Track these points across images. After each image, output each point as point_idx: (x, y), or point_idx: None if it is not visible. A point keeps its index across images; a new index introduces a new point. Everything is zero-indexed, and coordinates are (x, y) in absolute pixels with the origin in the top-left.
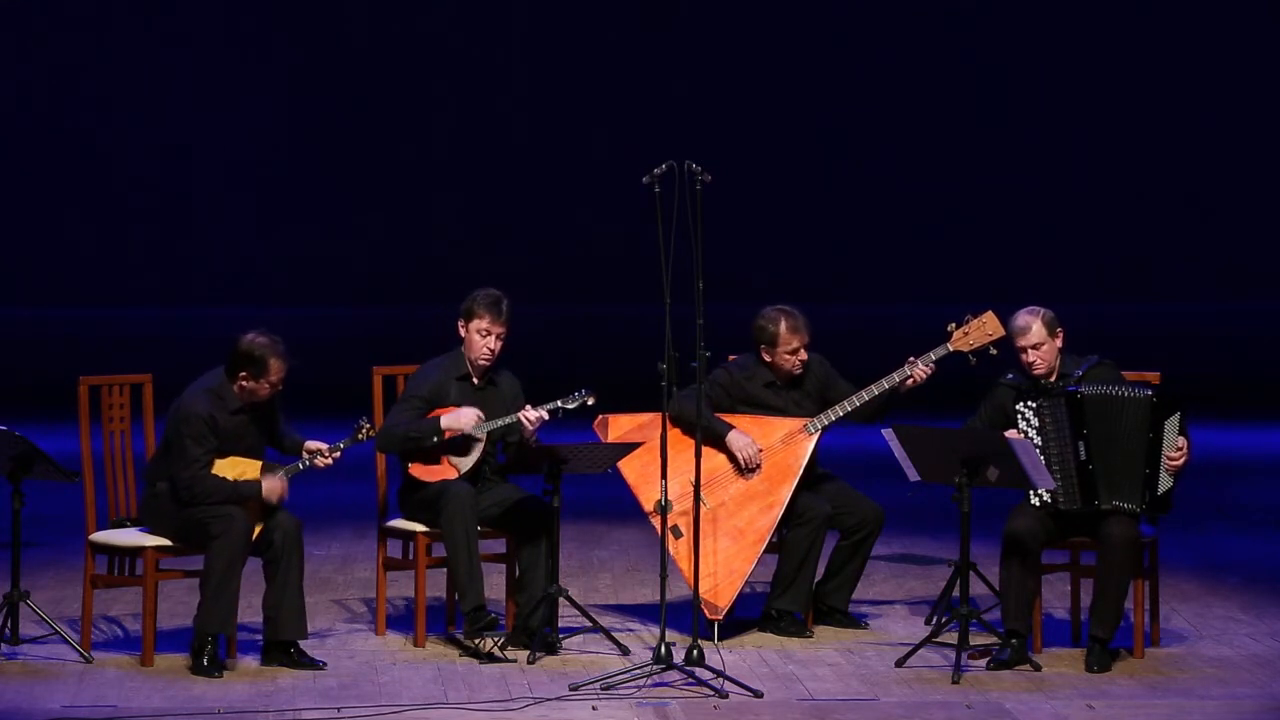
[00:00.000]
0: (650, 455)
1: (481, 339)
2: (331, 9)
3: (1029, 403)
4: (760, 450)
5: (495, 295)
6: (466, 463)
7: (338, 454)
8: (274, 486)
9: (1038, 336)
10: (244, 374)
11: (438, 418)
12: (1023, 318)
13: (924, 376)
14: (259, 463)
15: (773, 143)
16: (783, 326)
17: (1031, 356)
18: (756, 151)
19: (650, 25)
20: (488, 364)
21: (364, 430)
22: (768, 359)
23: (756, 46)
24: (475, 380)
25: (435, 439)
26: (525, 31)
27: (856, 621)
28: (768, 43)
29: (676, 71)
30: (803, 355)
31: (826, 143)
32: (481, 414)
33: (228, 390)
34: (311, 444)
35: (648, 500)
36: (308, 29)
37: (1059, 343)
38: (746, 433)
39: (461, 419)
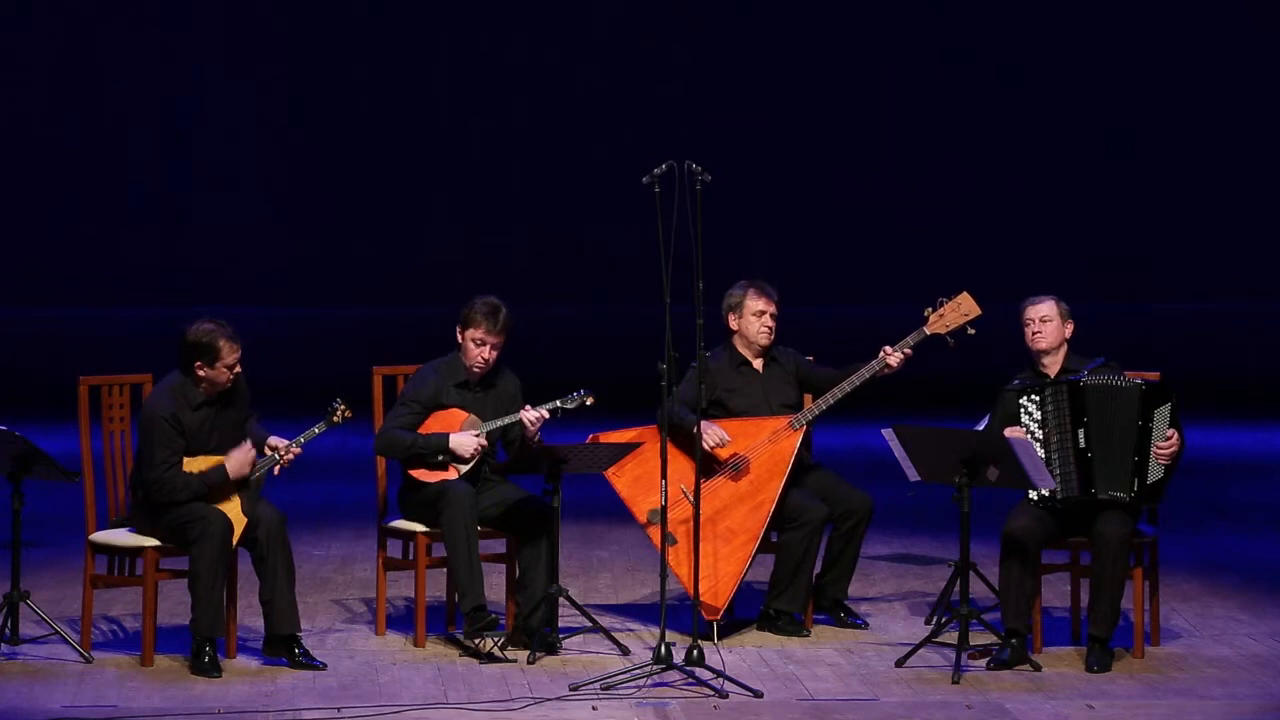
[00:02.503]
0: (643, 467)
1: (476, 348)
2: (333, 10)
3: (1032, 396)
4: (729, 439)
5: (493, 304)
6: (466, 462)
7: (298, 448)
8: (240, 460)
9: (1046, 311)
10: (198, 364)
11: (445, 436)
12: (1038, 296)
13: (898, 364)
14: None
15: (773, 143)
16: (749, 290)
17: (1038, 327)
18: (757, 151)
19: (650, 25)
20: (482, 372)
21: (339, 412)
22: (735, 328)
23: (756, 46)
24: (472, 384)
25: (440, 457)
26: (526, 32)
27: (856, 615)
28: (768, 43)
29: (677, 71)
30: (770, 322)
31: (827, 143)
32: (484, 443)
33: (188, 387)
34: (274, 440)
35: (640, 512)
36: (308, 29)
37: (1067, 332)
38: (730, 436)
39: (464, 446)
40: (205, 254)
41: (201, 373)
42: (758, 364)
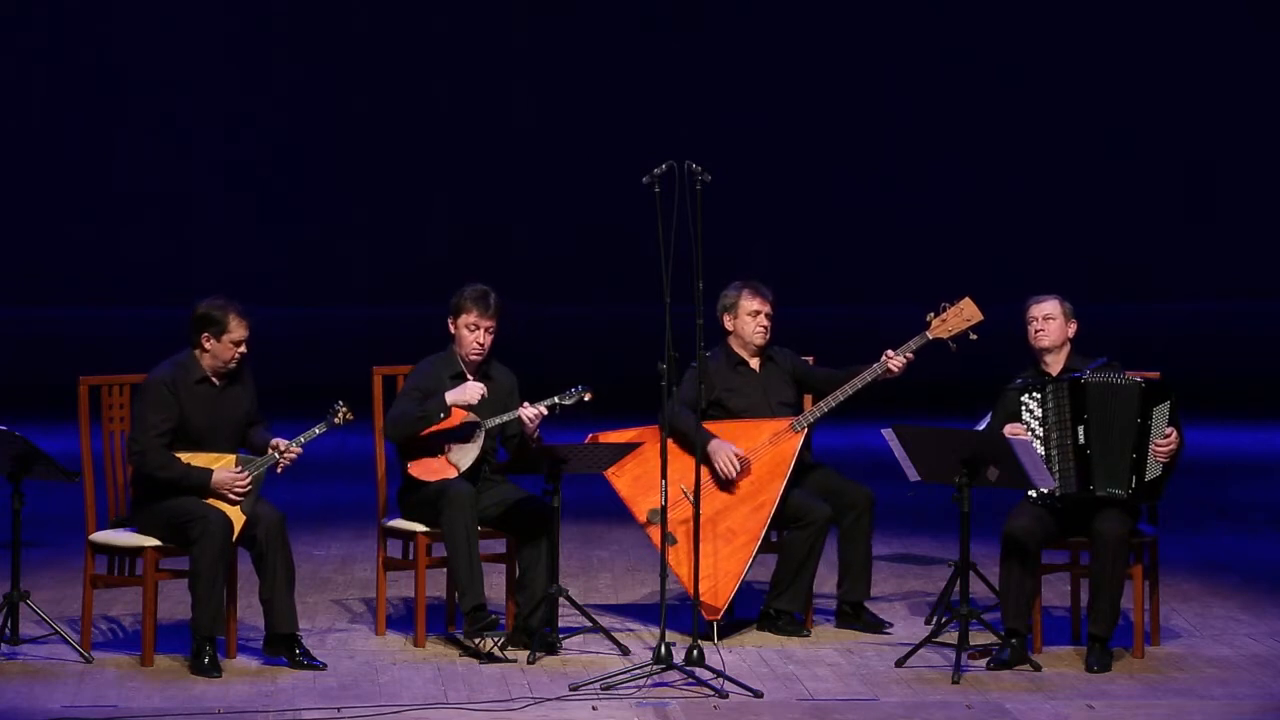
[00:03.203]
0: (643, 467)
1: (470, 334)
2: (332, 10)
3: (1033, 394)
4: (741, 456)
5: (482, 289)
6: (466, 461)
7: (299, 448)
8: (223, 480)
9: (1050, 310)
10: (205, 335)
11: (443, 394)
12: (1041, 296)
13: (899, 369)
14: (231, 457)
15: (773, 143)
16: (744, 290)
17: (1041, 325)
18: (757, 151)
19: (650, 25)
20: (479, 358)
21: (340, 414)
22: (730, 328)
23: (756, 46)
24: (470, 377)
25: (443, 415)
26: (526, 32)
27: (880, 622)
28: (768, 42)
29: (678, 71)
30: (765, 321)
31: (827, 143)
32: (485, 389)
33: (191, 361)
34: (276, 440)
35: (640, 512)
36: (308, 29)
37: (1070, 331)
38: (731, 438)
39: (468, 392)
40: (205, 254)
41: (208, 345)
42: (754, 363)
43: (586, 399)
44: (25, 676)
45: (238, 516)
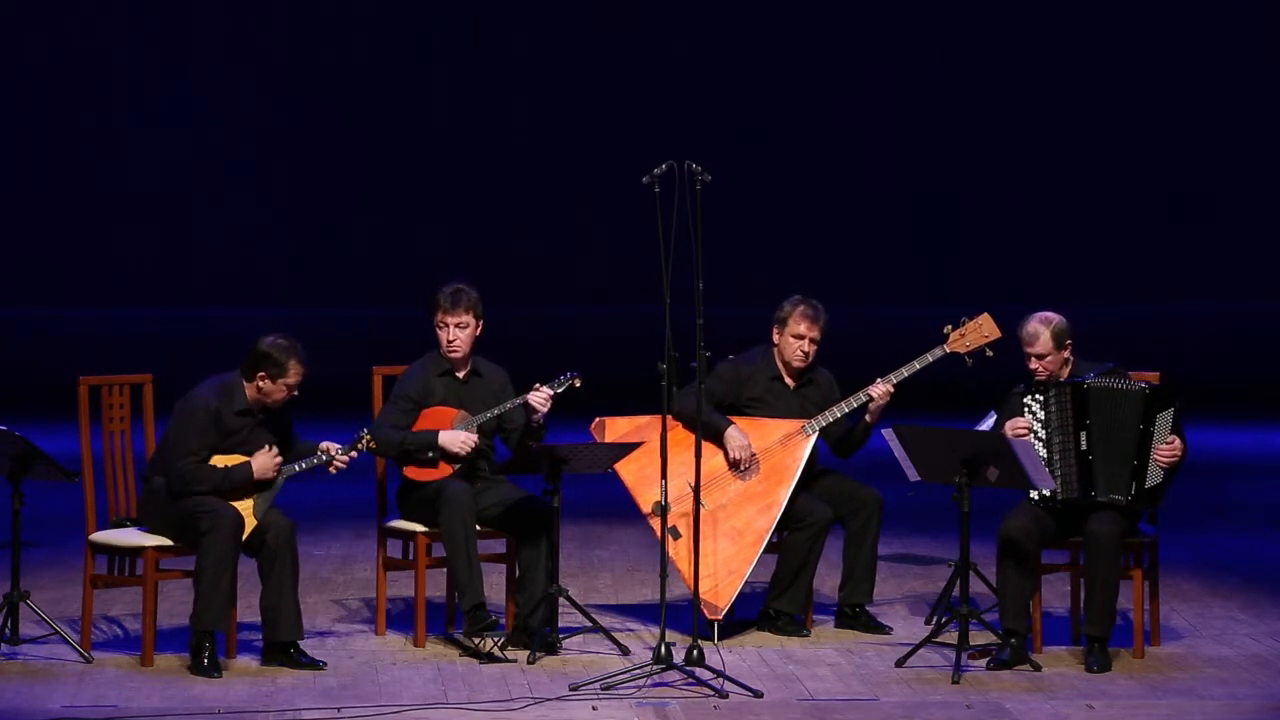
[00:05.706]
0: (648, 458)
1: (441, 331)
2: (332, 8)
3: (1036, 396)
4: (754, 453)
5: (455, 287)
6: (459, 460)
7: (345, 460)
8: (265, 464)
9: (1043, 347)
10: (262, 374)
11: (435, 432)
12: (1033, 325)
13: (880, 394)
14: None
15: (774, 143)
16: (797, 309)
17: (1034, 364)
18: (757, 151)
19: (651, 24)
20: (456, 355)
21: (364, 440)
22: (775, 340)
23: (758, 46)
24: (458, 375)
25: (430, 454)
26: (525, 31)
27: (881, 626)
28: (769, 43)
29: (678, 71)
30: (808, 347)
31: (829, 143)
32: (475, 439)
33: (239, 390)
34: (326, 444)
35: (645, 502)
36: (308, 28)
37: (1066, 354)
38: (744, 432)
39: (454, 442)
40: (206, 254)
41: (261, 384)
42: (790, 383)
43: (577, 384)
44: (25, 676)
45: (249, 518)
